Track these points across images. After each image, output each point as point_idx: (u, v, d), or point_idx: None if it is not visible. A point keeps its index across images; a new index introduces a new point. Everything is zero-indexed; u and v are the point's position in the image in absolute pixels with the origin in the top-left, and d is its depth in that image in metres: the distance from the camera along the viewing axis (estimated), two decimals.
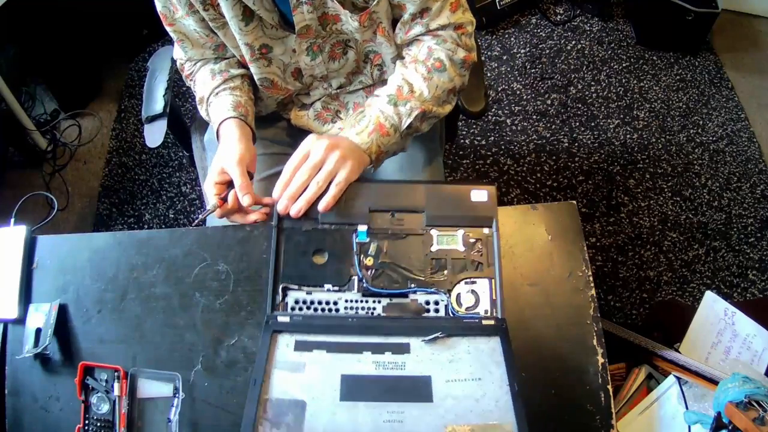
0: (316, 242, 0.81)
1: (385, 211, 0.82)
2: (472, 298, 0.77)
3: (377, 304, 0.78)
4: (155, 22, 0.99)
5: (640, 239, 1.88)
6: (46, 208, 1.70)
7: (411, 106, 0.92)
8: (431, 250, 0.80)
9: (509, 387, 0.70)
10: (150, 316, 0.89)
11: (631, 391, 1.04)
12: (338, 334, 0.75)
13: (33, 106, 2.12)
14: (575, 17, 2.36)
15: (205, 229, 0.98)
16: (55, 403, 0.86)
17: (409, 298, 0.78)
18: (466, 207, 0.82)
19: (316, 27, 0.92)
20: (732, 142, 2.07)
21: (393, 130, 0.91)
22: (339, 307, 0.77)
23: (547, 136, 2.08)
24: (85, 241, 0.97)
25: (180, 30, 0.98)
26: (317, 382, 0.70)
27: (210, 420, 0.83)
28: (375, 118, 0.91)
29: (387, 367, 0.71)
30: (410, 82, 0.93)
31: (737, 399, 0.79)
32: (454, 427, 0.66)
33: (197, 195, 1.97)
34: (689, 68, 2.24)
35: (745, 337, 1.05)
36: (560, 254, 0.92)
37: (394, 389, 0.69)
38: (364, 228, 0.81)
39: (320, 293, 0.78)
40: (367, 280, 0.78)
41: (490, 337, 0.74)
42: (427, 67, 0.93)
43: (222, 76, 1.01)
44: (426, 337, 0.73)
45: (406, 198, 0.83)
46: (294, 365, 0.72)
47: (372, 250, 0.80)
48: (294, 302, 0.78)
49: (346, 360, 0.72)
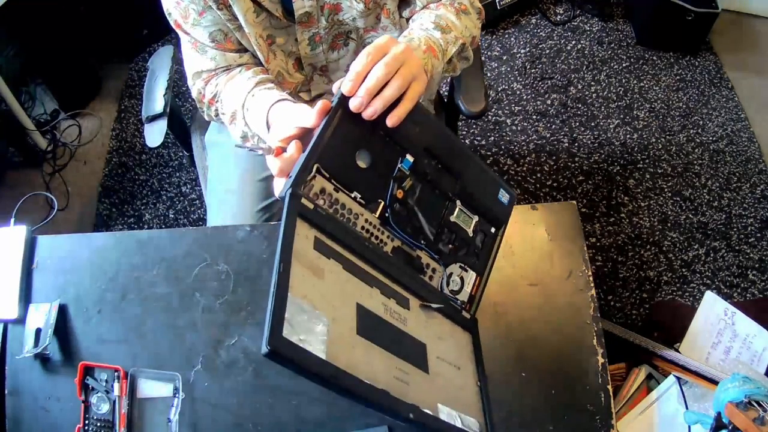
0: (368, 143, 0.71)
1: (435, 158, 0.76)
2: (459, 282, 0.75)
3: (389, 240, 0.71)
4: (155, 22, 0.99)
5: (640, 239, 1.88)
6: (46, 208, 1.70)
7: (455, 35, 0.90)
8: (450, 219, 0.76)
9: (479, 389, 0.67)
10: (150, 316, 0.89)
11: (631, 391, 1.04)
12: (354, 254, 0.66)
13: (33, 106, 2.12)
14: (575, 17, 2.36)
15: (205, 229, 0.98)
16: (55, 403, 0.86)
17: (416, 252, 0.73)
18: (491, 200, 0.80)
19: (317, 15, 0.92)
20: (732, 142, 2.07)
21: (441, 55, 0.87)
22: (358, 223, 0.69)
23: (547, 136, 2.08)
24: (85, 241, 0.97)
25: (195, 36, 0.94)
26: (335, 299, 0.59)
27: (210, 420, 0.83)
28: (425, 39, 0.85)
29: (393, 315, 0.64)
30: (446, 17, 0.92)
31: (737, 399, 0.80)
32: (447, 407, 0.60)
33: (197, 195, 1.97)
34: (689, 68, 2.24)
35: (745, 337, 1.05)
36: (560, 254, 0.92)
37: (399, 343, 0.62)
38: (412, 159, 0.74)
39: (346, 198, 0.69)
40: (392, 212, 0.71)
41: (464, 330, 0.73)
42: (456, 8, 0.94)
43: (254, 81, 0.92)
44: (426, 303, 0.69)
45: (457, 159, 0.77)
46: (314, 266, 0.60)
47: (406, 185, 0.73)
48: (320, 190, 0.67)
49: (360, 289, 0.63)
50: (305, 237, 0.61)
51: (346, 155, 0.69)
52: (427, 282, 0.72)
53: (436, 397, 0.60)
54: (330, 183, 0.67)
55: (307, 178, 0.65)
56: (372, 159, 0.70)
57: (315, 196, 0.66)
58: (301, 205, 0.62)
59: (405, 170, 0.73)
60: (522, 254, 0.92)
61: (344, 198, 0.68)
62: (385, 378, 0.56)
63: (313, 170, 0.66)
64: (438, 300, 0.71)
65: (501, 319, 0.88)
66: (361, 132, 0.70)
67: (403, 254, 0.71)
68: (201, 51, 0.96)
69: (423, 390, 0.59)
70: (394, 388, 0.56)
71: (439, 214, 0.75)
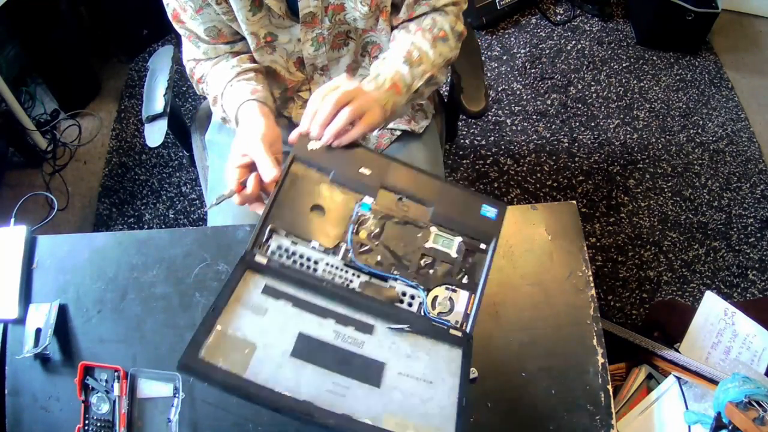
0: (320, 196, 0.79)
1: (395, 193, 0.80)
2: (448, 304, 0.76)
3: (356, 278, 0.76)
4: (155, 22, 0.99)
5: (640, 239, 1.88)
6: (46, 208, 1.70)
7: (423, 69, 0.94)
8: (425, 245, 0.79)
9: (458, 401, 0.69)
10: (150, 316, 0.89)
11: (631, 391, 1.04)
12: (309, 292, 0.73)
13: (33, 106, 2.12)
14: (575, 17, 2.36)
15: (205, 229, 0.98)
16: (55, 403, 0.86)
17: (389, 283, 0.77)
18: (473, 218, 0.81)
19: (321, 16, 0.93)
20: (732, 142, 2.07)
21: (405, 90, 0.92)
22: (318, 268, 0.76)
23: (547, 136, 2.08)
24: (85, 241, 0.97)
25: (191, 28, 0.97)
26: (274, 330, 0.69)
27: (210, 420, 0.83)
28: (391, 77, 0.91)
29: (346, 340, 0.70)
30: (419, 47, 0.95)
31: (737, 399, 0.80)
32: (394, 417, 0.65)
33: (197, 195, 1.97)
34: (689, 68, 2.25)
35: (745, 337, 1.05)
36: (560, 254, 0.92)
37: (345, 363, 0.68)
38: (370, 201, 0.79)
39: (305, 248, 0.76)
40: (354, 252, 0.77)
41: (452, 347, 0.74)
42: (433, 36, 0.96)
43: (235, 71, 0.98)
44: (392, 325, 0.73)
45: (420, 187, 0.81)
46: (256, 307, 0.71)
47: (369, 225, 0.78)
48: (276, 247, 0.76)
49: (308, 320, 0.71)
50: (254, 285, 0.73)
51: (300, 211, 0.78)
52: (404, 308, 0.76)
53: (384, 408, 0.66)
54: (286, 238, 0.76)
55: (261, 240, 0.75)
56: (327, 210, 0.78)
57: (272, 253, 0.75)
58: (254, 262, 0.74)
59: (365, 212, 0.78)
60: (522, 254, 0.92)
61: (302, 249, 0.76)
62: (314, 391, 0.64)
63: (267, 231, 0.75)
64: (417, 323, 0.74)
65: (501, 319, 0.88)
66: (314, 186, 0.79)
67: (374, 287, 0.76)
68: (195, 44, 1.00)
69: (365, 402, 0.65)
70: (323, 400, 0.64)
71: (414, 244, 0.78)
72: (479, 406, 0.82)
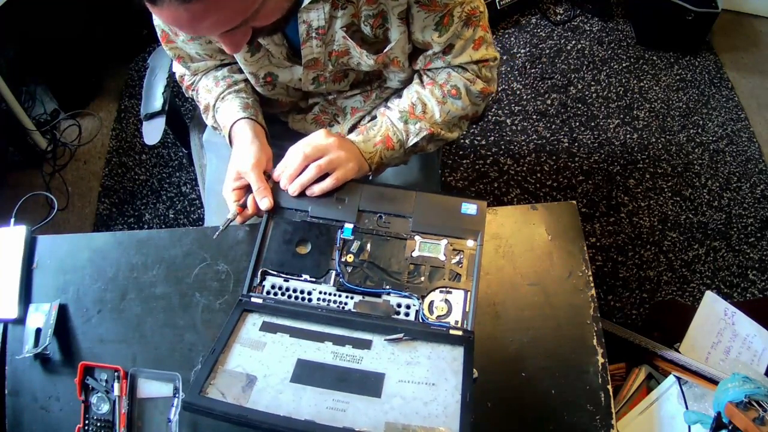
0: (302, 233, 0.84)
1: (373, 213, 0.84)
2: (445, 307, 0.78)
3: (350, 299, 0.79)
4: None
5: (640, 239, 1.88)
6: (46, 208, 1.70)
7: (420, 126, 0.93)
8: (412, 255, 0.81)
9: (461, 397, 0.69)
10: (150, 316, 0.89)
11: (631, 391, 1.04)
12: (305, 321, 0.77)
13: (33, 106, 2.12)
14: (575, 17, 2.36)
15: (205, 229, 0.98)
16: (55, 403, 0.86)
17: (382, 298, 0.79)
18: (454, 218, 0.83)
19: (324, 60, 0.92)
20: (732, 142, 2.07)
21: (399, 145, 0.93)
22: (312, 298, 0.80)
23: (547, 136, 2.08)
24: (85, 241, 0.97)
25: (180, 51, 0.98)
26: (273, 361, 0.72)
27: (210, 420, 0.83)
28: (384, 130, 0.93)
29: (344, 358, 0.73)
30: (424, 102, 0.95)
31: (737, 399, 0.79)
32: (395, 423, 0.66)
33: (197, 195, 1.97)
34: (689, 68, 2.24)
35: (745, 337, 1.05)
36: (560, 254, 0.92)
37: (344, 380, 0.70)
38: (350, 225, 0.83)
39: (297, 282, 0.81)
40: (344, 276, 0.80)
41: (453, 346, 0.75)
42: (444, 92, 0.94)
43: (226, 82, 0.99)
44: (388, 336, 0.75)
45: (396, 203, 0.85)
46: (255, 343, 0.74)
47: (354, 248, 0.82)
48: (270, 287, 0.81)
49: (306, 346, 0.74)
50: (252, 324, 0.77)
51: (286, 250, 0.83)
52: (401, 319, 0.78)
53: (385, 416, 0.67)
54: (279, 277, 0.81)
55: (255, 284, 0.81)
56: (312, 243, 0.83)
57: (267, 292, 0.81)
58: (250, 304, 0.79)
59: (348, 237, 0.83)
60: (522, 254, 0.92)
61: (295, 283, 0.81)
62: (314, 410, 0.67)
63: (259, 275, 0.81)
64: (415, 330, 0.76)
65: (501, 319, 0.88)
66: (295, 228, 0.84)
67: (369, 304, 0.79)
68: (184, 65, 1.02)
69: (365, 413, 0.67)
70: (324, 417, 0.66)
71: (401, 256, 0.81)
72: (479, 406, 0.82)
